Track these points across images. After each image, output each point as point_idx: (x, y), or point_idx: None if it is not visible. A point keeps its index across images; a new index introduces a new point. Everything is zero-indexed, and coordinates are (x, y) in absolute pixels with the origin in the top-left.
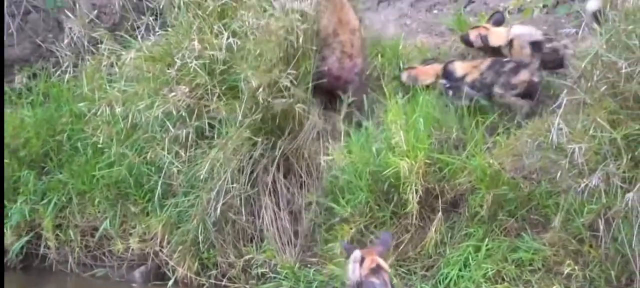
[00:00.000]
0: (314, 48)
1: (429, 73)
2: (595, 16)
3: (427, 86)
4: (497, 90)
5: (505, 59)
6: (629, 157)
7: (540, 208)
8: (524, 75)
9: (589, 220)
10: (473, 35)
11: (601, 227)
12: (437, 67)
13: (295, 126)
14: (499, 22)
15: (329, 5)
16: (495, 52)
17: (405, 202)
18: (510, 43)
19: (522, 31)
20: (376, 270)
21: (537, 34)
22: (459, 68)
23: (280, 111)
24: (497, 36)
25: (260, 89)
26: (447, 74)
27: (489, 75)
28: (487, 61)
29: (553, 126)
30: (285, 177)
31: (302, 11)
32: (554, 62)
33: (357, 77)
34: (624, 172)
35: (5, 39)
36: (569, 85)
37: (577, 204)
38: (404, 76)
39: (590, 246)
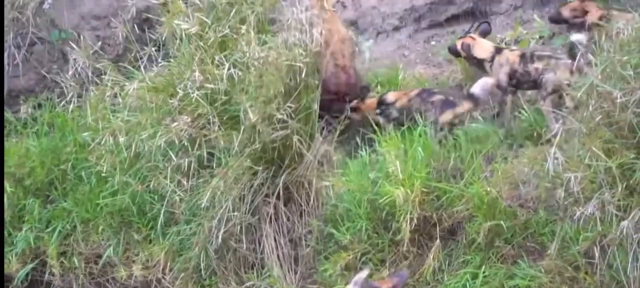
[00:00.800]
0: (316, 82)
1: (372, 106)
2: (572, 48)
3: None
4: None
5: (435, 90)
6: (624, 185)
7: (536, 236)
8: (448, 116)
9: (584, 248)
10: (459, 44)
11: (597, 255)
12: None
13: (295, 156)
14: (484, 33)
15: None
16: (479, 64)
17: (403, 230)
18: (492, 59)
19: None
20: None
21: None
22: (392, 96)
23: (280, 142)
24: (481, 48)
25: (260, 120)
26: (381, 102)
27: (415, 102)
28: (416, 90)
29: (549, 155)
30: (285, 205)
31: (306, 45)
32: (528, 83)
33: (354, 88)
34: (619, 200)
35: (10, 69)
36: (564, 114)
37: (573, 232)
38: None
39: (586, 273)
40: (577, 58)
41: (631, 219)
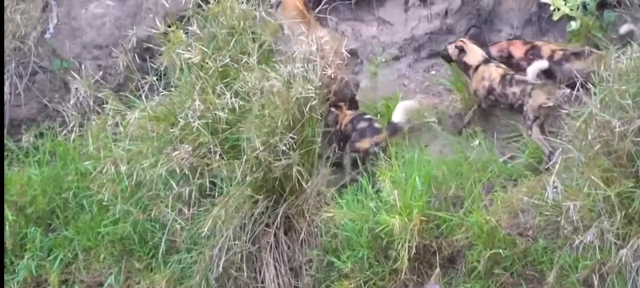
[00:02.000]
0: (320, 117)
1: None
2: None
3: None
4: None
5: (367, 115)
6: (623, 214)
7: (535, 264)
8: (364, 144)
9: (583, 276)
10: (450, 48)
11: (596, 283)
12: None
13: (295, 185)
14: (474, 37)
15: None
16: (466, 69)
17: (401, 258)
18: (476, 69)
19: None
20: None
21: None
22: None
23: (281, 172)
24: (472, 55)
25: (262, 150)
26: (334, 120)
27: (349, 127)
28: (353, 113)
29: (548, 184)
30: (286, 234)
31: (312, 80)
32: (504, 105)
33: (346, 91)
34: (617, 228)
35: (12, 98)
36: (563, 143)
37: (572, 260)
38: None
39: None
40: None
41: (630, 247)
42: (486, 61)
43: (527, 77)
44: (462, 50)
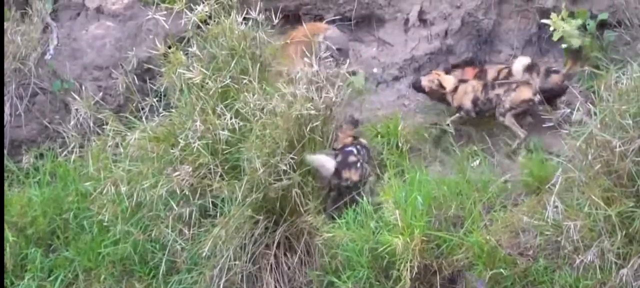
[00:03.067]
0: (321, 137)
1: (346, 141)
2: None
3: None
4: None
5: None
6: (624, 233)
7: (536, 284)
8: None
9: None
10: (424, 81)
11: None
12: None
13: (295, 205)
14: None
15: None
16: (442, 96)
17: (403, 278)
18: (455, 89)
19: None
20: None
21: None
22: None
23: (281, 192)
24: (446, 81)
25: (262, 171)
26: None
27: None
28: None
29: (549, 203)
30: (286, 254)
31: (314, 101)
32: (489, 111)
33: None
34: (618, 248)
35: (12, 119)
36: (564, 163)
37: (572, 280)
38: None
39: None
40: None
41: (630, 267)
42: (463, 81)
43: (511, 79)
44: (437, 82)
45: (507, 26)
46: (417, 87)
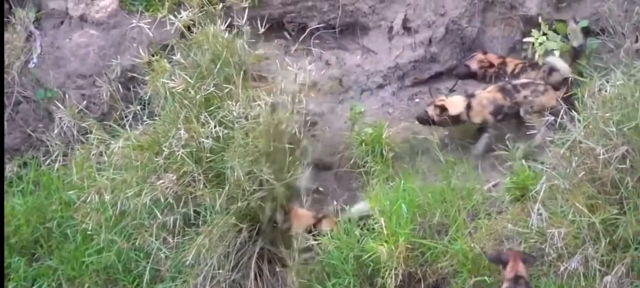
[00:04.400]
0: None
1: None
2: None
3: None
4: None
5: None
6: (607, 240)
7: None
8: None
9: None
10: (430, 111)
11: None
12: None
13: (279, 213)
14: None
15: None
16: (456, 120)
17: (388, 286)
18: (468, 107)
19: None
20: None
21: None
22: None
23: (260, 203)
24: (453, 105)
25: (245, 179)
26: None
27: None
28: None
29: (533, 211)
30: (269, 262)
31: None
32: (514, 115)
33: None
34: (602, 255)
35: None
36: (548, 170)
37: (556, 287)
38: None
39: None
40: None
41: (614, 274)
42: (471, 96)
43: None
44: (444, 109)
45: (491, 34)
46: (423, 120)
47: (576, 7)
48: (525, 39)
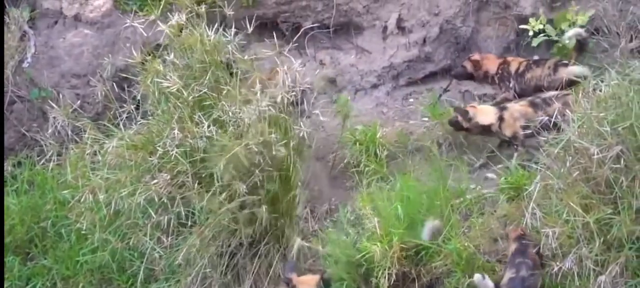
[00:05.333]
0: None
1: None
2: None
3: None
4: None
5: None
6: (602, 240)
7: None
8: None
9: None
10: (459, 116)
11: None
12: None
13: (272, 215)
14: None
15: None
16: (485, 129)
17: (382, 286)
18: (500, 119)
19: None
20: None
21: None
22: None
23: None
24: (484, 114)
25: (237, 180)
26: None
27: None
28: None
29: (527, 210)
30: (263, 264)
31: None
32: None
33: None
34: (596, 255)
35: None
36: (542, 170)
37: (551, 287)
38: None
39: None
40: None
41: (608, 274)
42: (503, 108)
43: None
44: (466, 115)
45: (485, 33)
46: (455, 124)
47: (570, 7)
48: (521, 26)
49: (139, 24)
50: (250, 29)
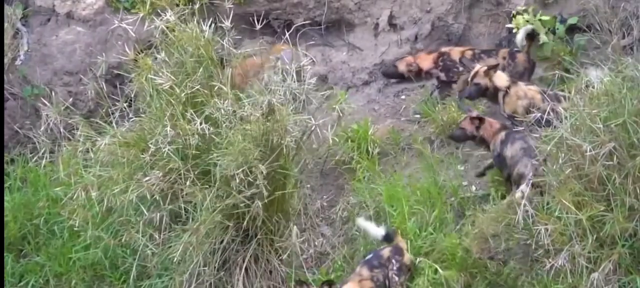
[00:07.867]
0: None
1: None
2: None
3: None
4: None
5: None
6: (594, 237)
7: None
8: None
9: None
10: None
11: None
12: None
13: (265, 211)
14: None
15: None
16: (495, 93)
17: None
18: (508, 89)
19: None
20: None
21: None
22: None
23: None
24: (500, 78)
25: (232, 177)
26: None
27: None
28: None
29: (519, 207)
30: (256, 261)
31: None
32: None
33: None
34: (589, 252)
35: None
36: (535, 165)
37: (543, 284)
38: None
39: None
40: None
41: (601, 271)
42: (514, 82)
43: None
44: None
45: (477, 30)
46: (474, 90)
47: (563, 4)
48: (507, 25)
49: (130, 22)
50: (246, 26)
